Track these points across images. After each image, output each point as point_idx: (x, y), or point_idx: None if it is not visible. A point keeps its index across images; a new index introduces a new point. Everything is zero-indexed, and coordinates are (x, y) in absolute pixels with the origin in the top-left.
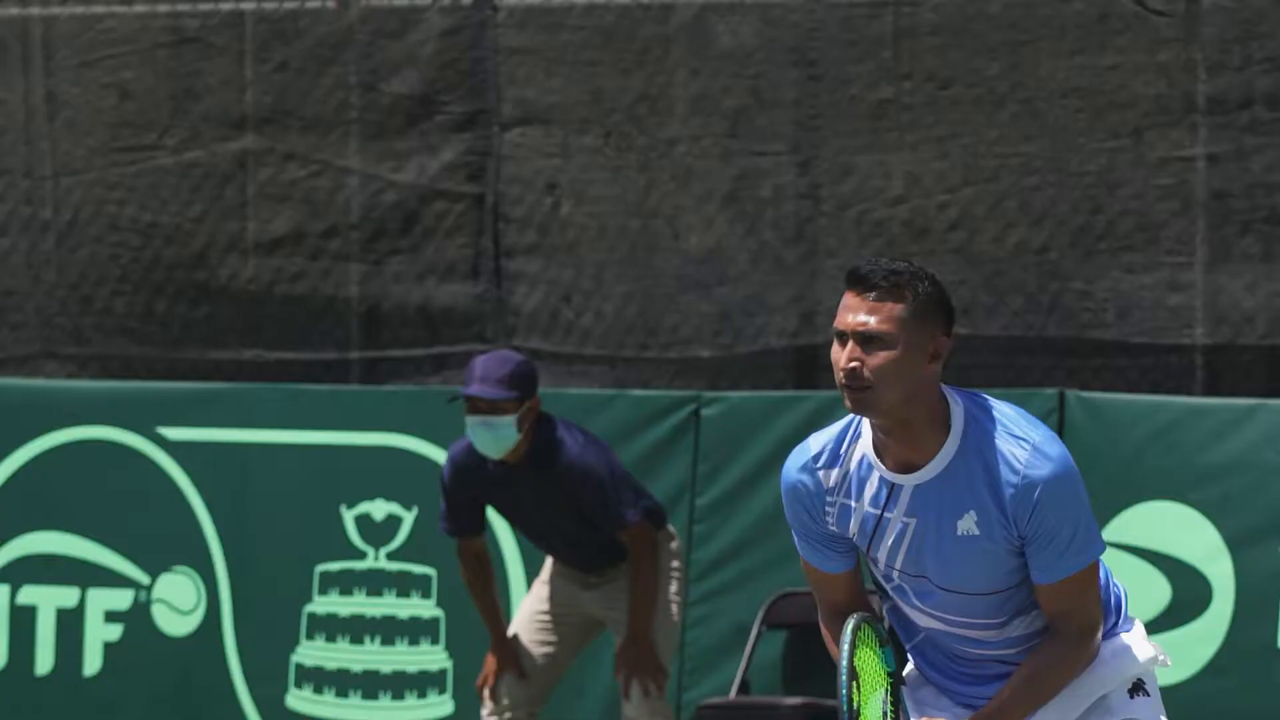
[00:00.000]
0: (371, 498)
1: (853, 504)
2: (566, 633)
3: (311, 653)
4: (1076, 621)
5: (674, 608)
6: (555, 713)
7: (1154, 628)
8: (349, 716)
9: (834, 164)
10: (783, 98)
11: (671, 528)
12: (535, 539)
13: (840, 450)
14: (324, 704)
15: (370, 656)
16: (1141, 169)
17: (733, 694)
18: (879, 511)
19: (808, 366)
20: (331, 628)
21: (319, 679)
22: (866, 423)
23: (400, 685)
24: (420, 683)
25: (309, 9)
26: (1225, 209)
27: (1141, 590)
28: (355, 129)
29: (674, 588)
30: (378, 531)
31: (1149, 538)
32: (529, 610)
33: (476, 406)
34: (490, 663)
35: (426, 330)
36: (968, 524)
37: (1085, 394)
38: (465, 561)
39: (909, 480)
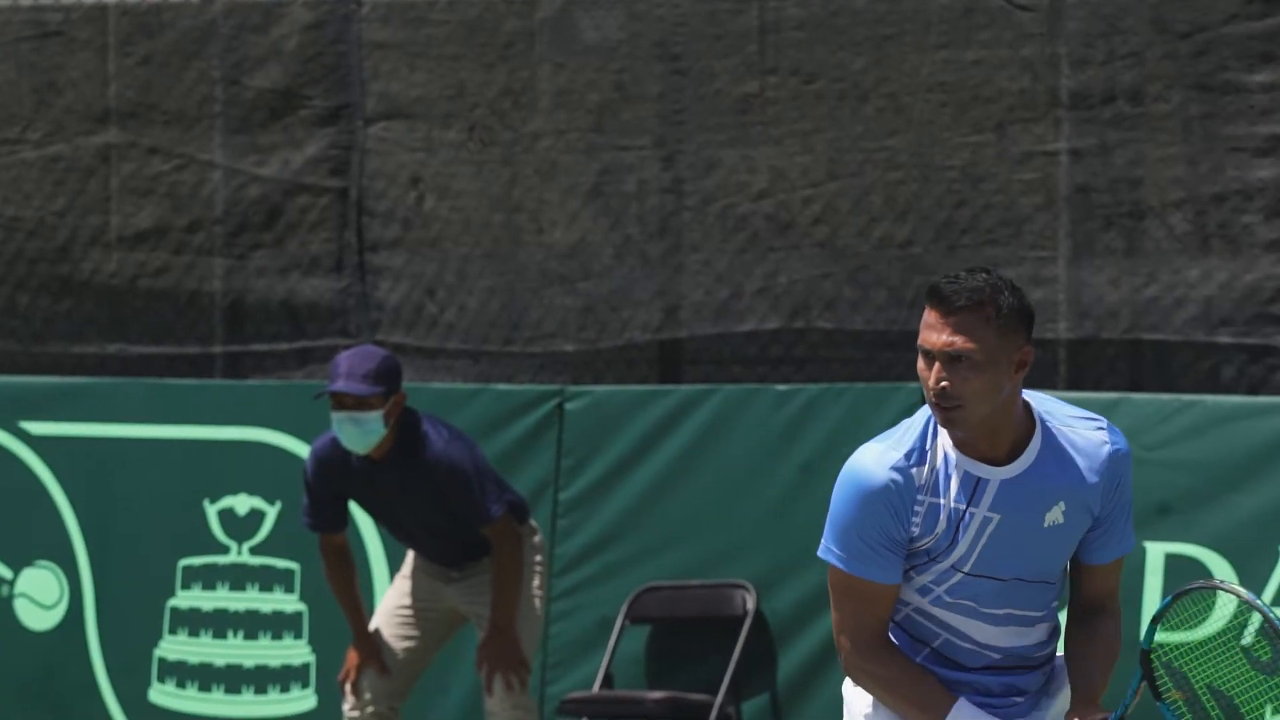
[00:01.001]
0: (235, 492)
1: (941, 501)
2: (428, 627)
3: (175, 647)
4: (1118, 598)
5: (536, 602)
6: (418, 707)
7: None
8: (212, 711)
9: (698, 158)
10: (647, 92)
11: (534, 522)
12: (398, 533)
13: (925, 447)
14: (187, 699)
15: (233, 651)
16: (1005, 163)
17: (596, 688)
18: (964, 507)
19: (672, 361)
20: (195, 622)
21: (182, 673)
22: (943, 434)
23: (263, 680)
24: (283, 677)
25: (172, 3)
26: (1088, 203)
27: None
28: (219, 123)
29: (536, 582)
30: (241, 526)
31: None
32: (390, 605)
33: (342, 402)
34: (352, 657)
35: (290, 325)
36: (1055, 514)
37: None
38: (327, 556)
39: (996, 474)
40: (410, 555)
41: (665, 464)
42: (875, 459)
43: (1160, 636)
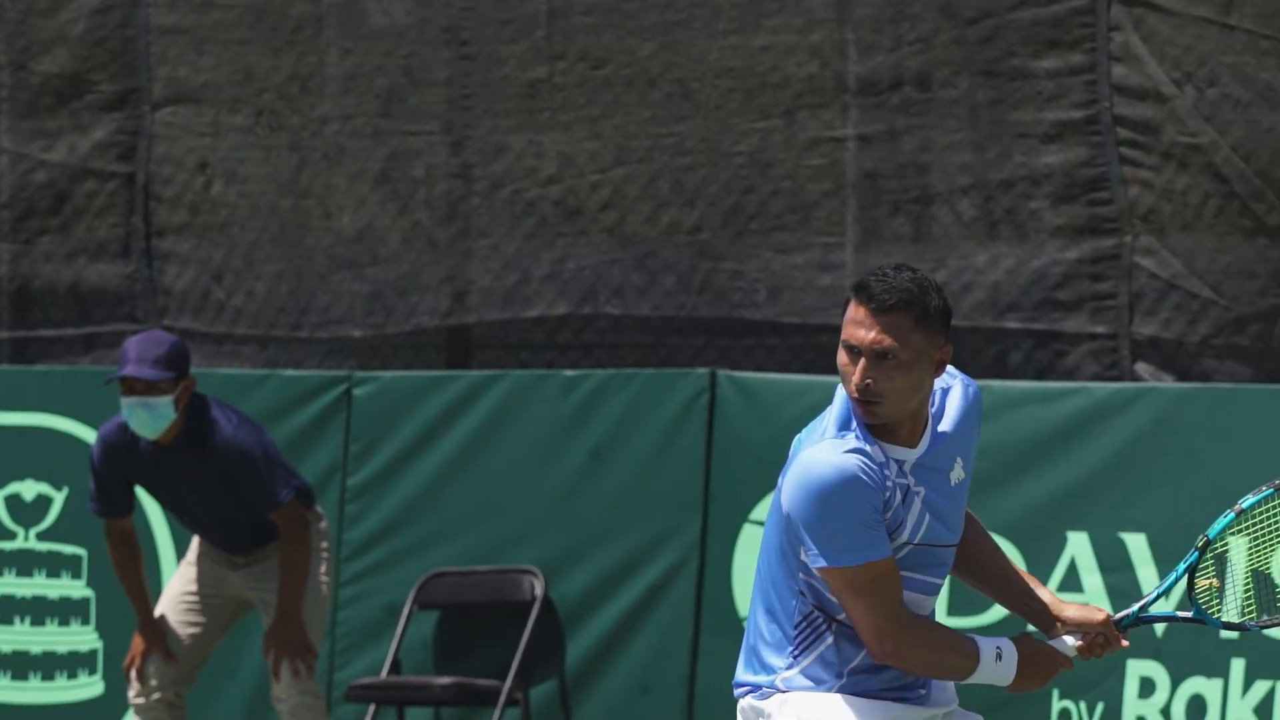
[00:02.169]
0: (21, 478)
1: (891, 479)
2: (214, 613)
3: None
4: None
5: (323, 588)
6: (205, 694)
7: None
8: None
9: (486, 144)
10: (435, 77)
11: (319, 508)
12: (184, 519)
13: (861, 434)
14: None
15: (20, 637)
16: (793, 149)
17: (384, 674)
18: (904, 483)
19: (460, 346)
20: None
21: None
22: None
23: (50, 666)
24: (70, 663)
25: None
26: (876, 189)
27: None
28: (5, 107)
29: (323, 568)
30: (28, 511)
31: None
32: (175, 591)
33: (132, 387)
34: (137, 643)
35: (77, 310)
36: (957, 472)
37: (736, 374)
38: (113, 541)
39: (911, 454)
40: (195, 541)
41: (453, 449)
42: (835, 453)
43: (1231, 533)
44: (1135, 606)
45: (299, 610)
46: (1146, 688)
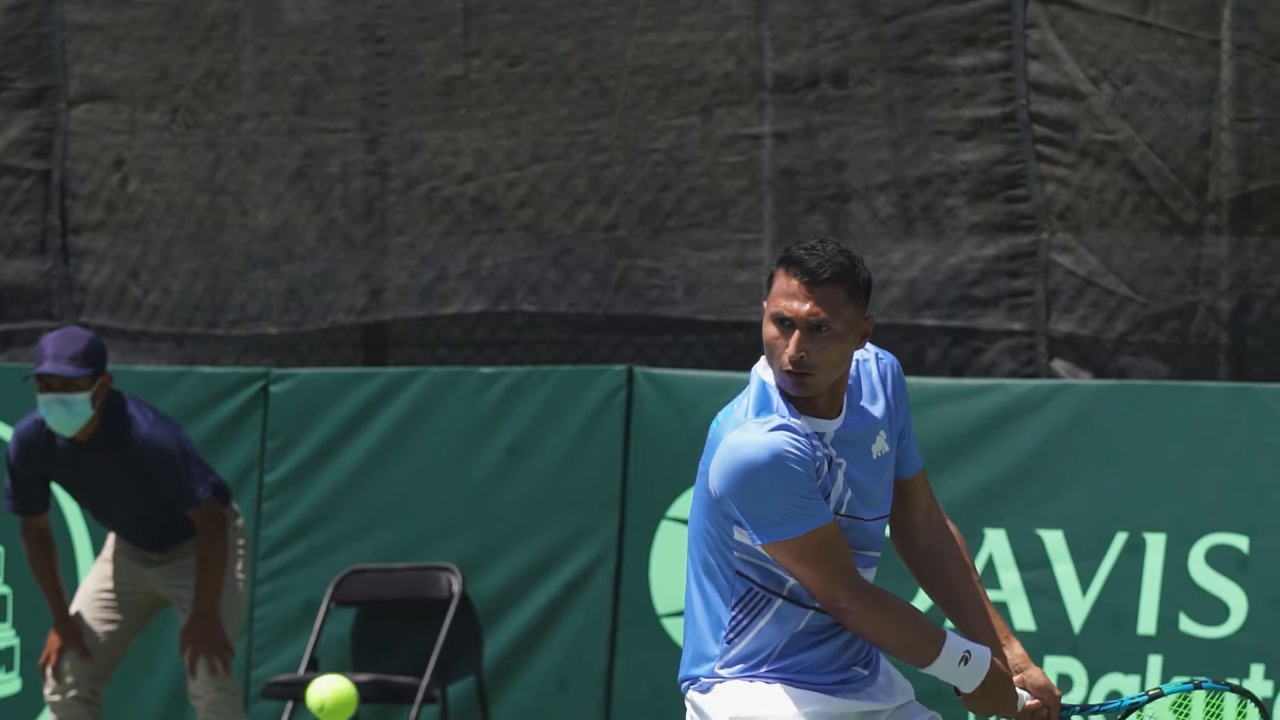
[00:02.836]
0: None
1: (821, 452)
2: (130, 611)
3: None
4: (942, 512)
5: (239, 585)
6: (122, 690)
7: None
8: None
9: (403, 141)
10: (351, 74)
11: (236, 505)
12: (100, 516)
13: (782, 409)
14: None
15: None
16: (710, 147)
17: (302, 670)
18: (830, 456)
19: (376, 343)
20: None
21: None
22: (775, 394)
23: None
24: None
25: None
26: (792, 186)
27: None
28: None
29: (239, 565)
30: None
31: None
32: (91, 588)
33: (50, 384)
34: (53, 641)
35: None
36: (880, 445)
37: (653, 371)
38: (28, 539)
39: (831, 426)
40: (111, 538)
41: (371, 447)
42: (761, 433)
43: (1162, 709)
44: (1078, 706)
45: (215, 607)
46: (1064, 684)
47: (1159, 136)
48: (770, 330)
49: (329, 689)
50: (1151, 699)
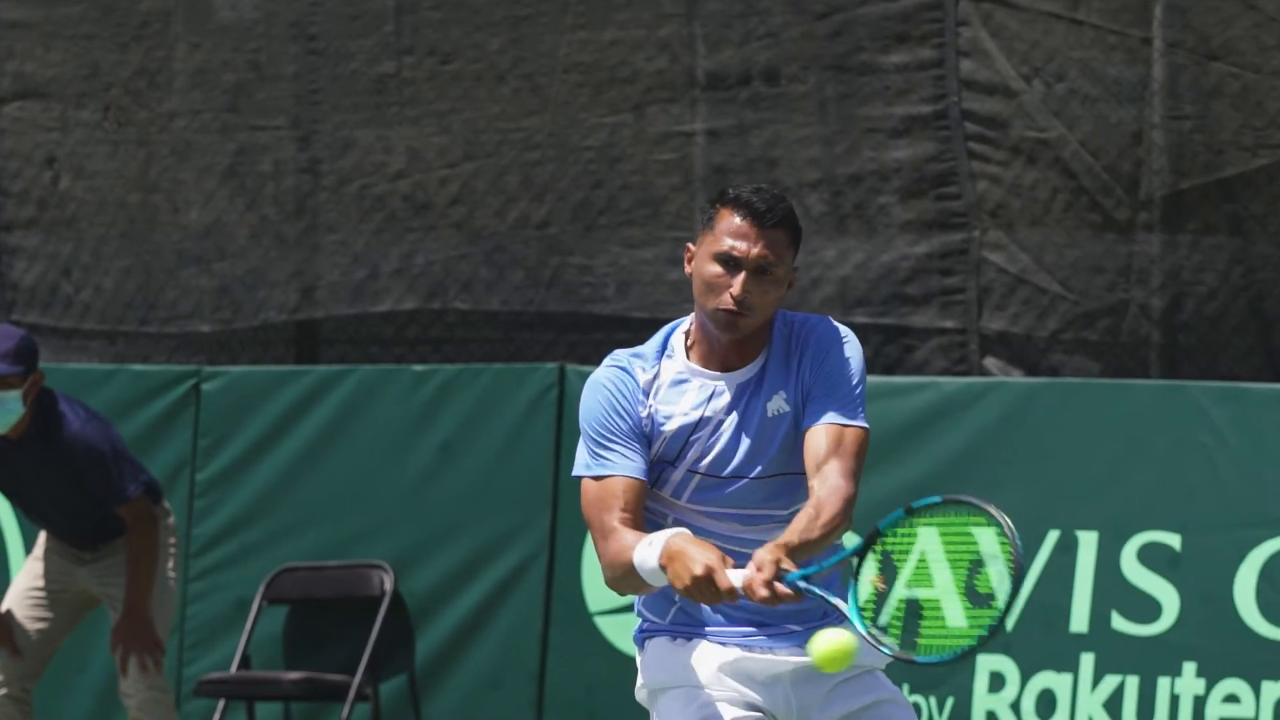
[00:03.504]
0: None
1: (672, 409)
2: (61, 609)
3: None
4: (841, 469)
5: (171, 583)
6: (54, 689)
7: None
8: None
9: (335, 139)
10: (283, 72)
11: (167, 504)
12: (31, 514)
13: (658, 362)
14: None
15: None
16: (642, 144)
17: (234, 669)
18: (698, 414)
19: (308, 341)
20: None
21: None
22: (679, 342)
23: None
24: None
25: None
26: (725, 184)
27: None
28: None
29: (170, 564)
30: None
31: None
32: (22, 586)
33: None
34: None
35: None
36: (778, 403)
37: (585, 369)
38: None
39: (731, 379)
40: (42, 536)
41: (303, 445)
42: (605, 362)
43: (902, 529)
44: (800, 571)
45: (146, 606)
46: (996, 682)
47: (1091, 134)
48: (712, 269)
49: (833, 642)
50: (868, 540)
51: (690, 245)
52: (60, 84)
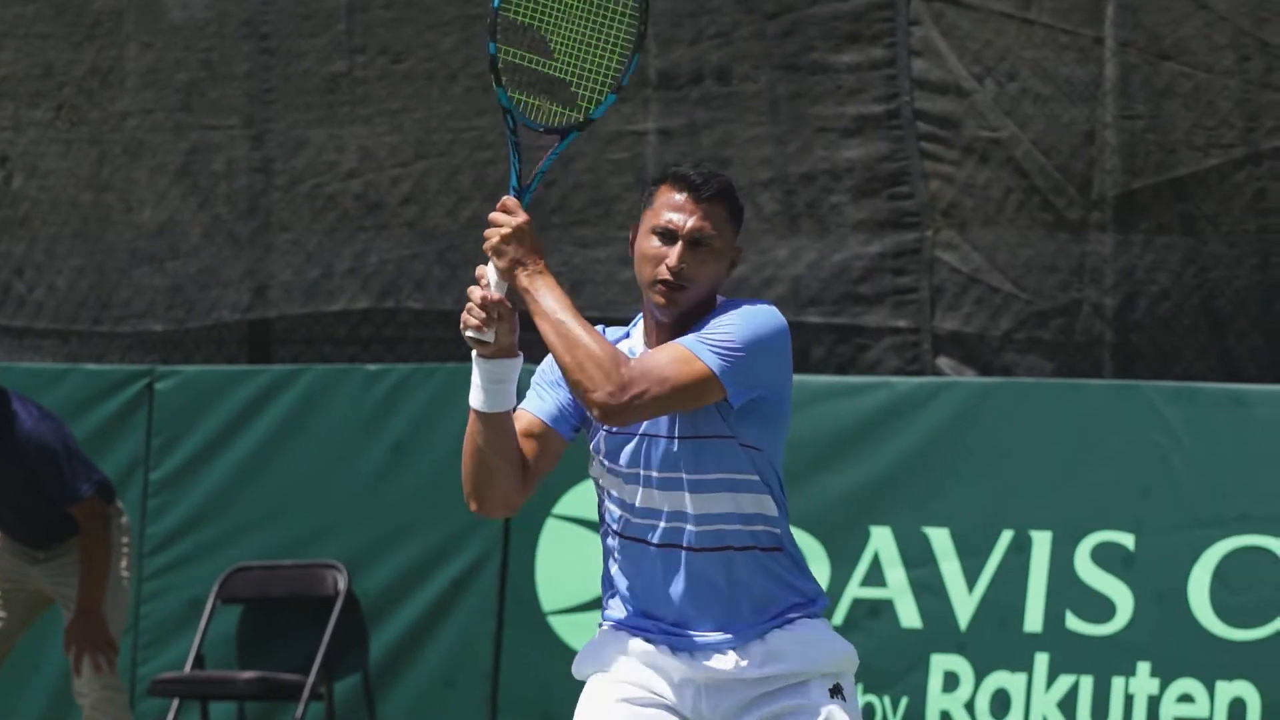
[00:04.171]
0: None
1: None
2: (14, 608)
3: None
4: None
5: (124, 583)
6: (8, 688)
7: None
8: None
9: (287, 138)
10: (235, 71)
11: (120, 503)
12: None
13: (621, 341)
14: None
15: None
16: (594, 143)
17: (187, 668)
18: None
19: (261, 341)
20: None
21: None
22: (640, 327)
23: None
24: None
25: None
26: None
27: None
28: None
29: (124, 563)
30: None
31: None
32: None
33: None
34: None
35: None
36: None
37: (539, 368)
38: None
39: None
40: None
41: (256, 444)
42: None
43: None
44: (518, 183)
45: (99, 605)
46: (951, 682)
47: (1043, 134)
48: (650, 243)
49: None
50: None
51: (634, 225)
52: (12, 83)
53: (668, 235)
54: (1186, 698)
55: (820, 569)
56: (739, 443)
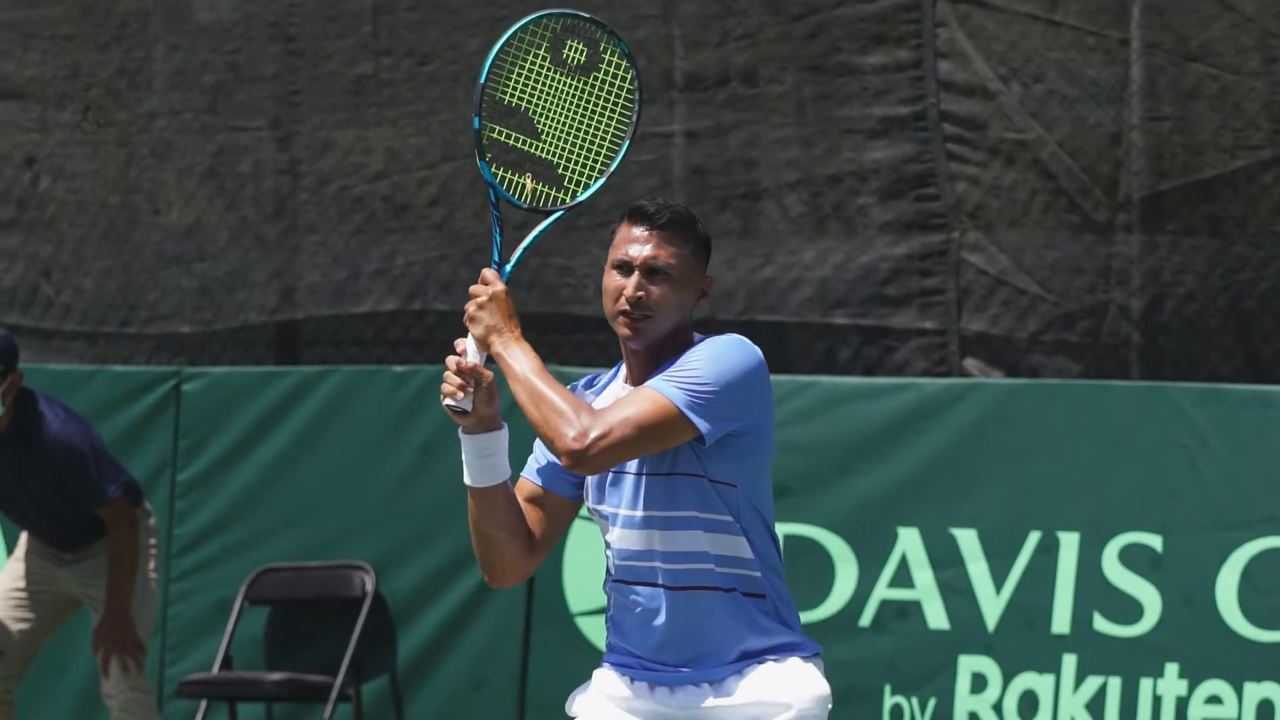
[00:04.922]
0: None
1: None
2: (42, 609)
3: None
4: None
5: (151, 584)
6: (36, 690)
7: None
8: None
9: (314, 139)
10: (262, 73)
11: (148, 504)
12: (12, 514)
13: (610, 381)
14: None
15: None
16: None
17: (215, 669)
18: None
19: (288, 342)
20: None
21: None
22: (622, 373)
23: None
24: None
25: None
26: (703, 185)
27: None
28: None
29: (151, 565)
30: None
31: None
32: (3, 586)
33: None
34: None
35: None
36: None
37: (566, 369)
38: None
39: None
40: (24, 537)
41: (283, 445)
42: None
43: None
44: (499, 257)
45: (127, 606)
46: (979, 683)
47: (1069, 135)
48: (612, 279)
49: None
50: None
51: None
52: (40, 84)
53: (624, 267)
54: (1215, 699)
55: (848, 570)
56: (709, 479)
